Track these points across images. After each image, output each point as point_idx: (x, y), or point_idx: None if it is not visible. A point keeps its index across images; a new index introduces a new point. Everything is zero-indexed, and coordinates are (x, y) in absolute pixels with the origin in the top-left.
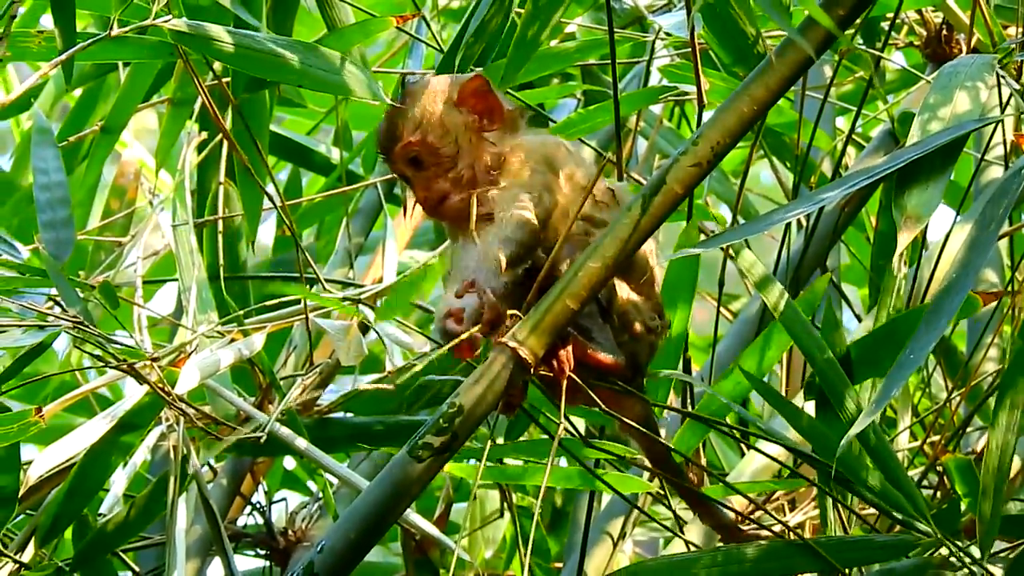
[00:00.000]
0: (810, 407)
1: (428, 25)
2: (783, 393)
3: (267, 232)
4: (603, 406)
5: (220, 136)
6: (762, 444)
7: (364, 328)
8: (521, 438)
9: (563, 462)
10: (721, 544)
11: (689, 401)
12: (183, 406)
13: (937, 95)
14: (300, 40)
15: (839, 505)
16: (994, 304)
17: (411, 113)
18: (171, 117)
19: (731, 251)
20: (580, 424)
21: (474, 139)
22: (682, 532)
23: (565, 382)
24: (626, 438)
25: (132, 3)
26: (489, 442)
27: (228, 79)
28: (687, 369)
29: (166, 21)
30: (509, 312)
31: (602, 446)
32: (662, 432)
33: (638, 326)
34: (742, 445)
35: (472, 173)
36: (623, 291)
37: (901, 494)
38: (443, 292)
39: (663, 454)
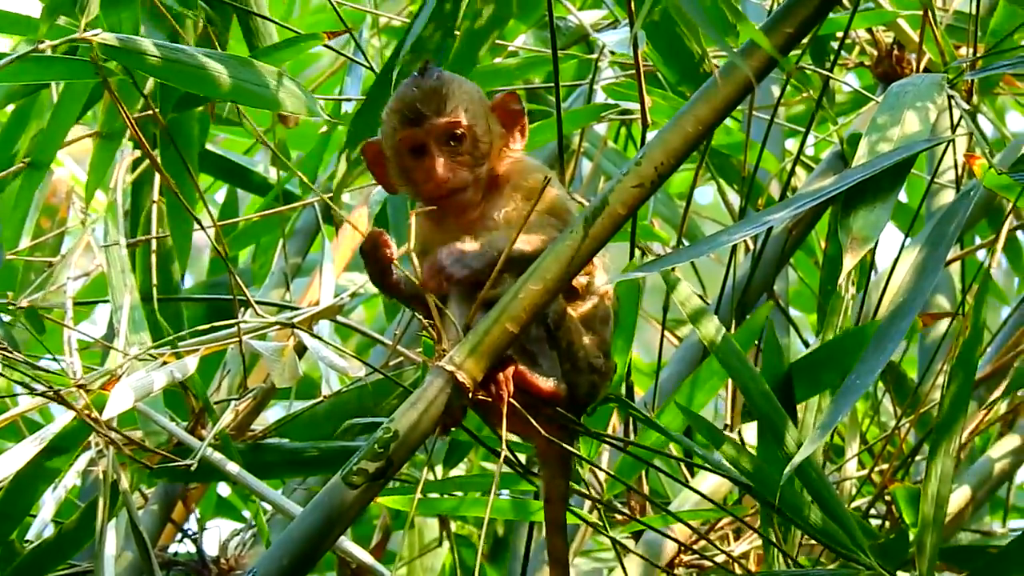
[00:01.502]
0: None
1: (358, 46)
2: (728, 419)
3: (203, 253)
4: (543, 432)
5: (153, 153)
6: (706, 475)
7: (300, 352)
8: (460, 464)
9: (505, 491)
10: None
11: (632, 428)
12: (110, 432)
13: (886, 115)
14: (233, 55)
15: (781, 538)
16: (945, 329)
17: (460, 96)
18: (99, 150)
19: (667, 280)
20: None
21: (497, 148)
22: (622, 563)
23: (505, 408)
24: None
25: (55, 24)
26: (426, 472)
27: (159, 100)
28: (630, 395)
29: (95, 35)
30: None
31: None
32: (605, 457)
33: (582, 359)
34: (686, 474)
35: (487, 179)
36: (573, 319)
37: (840, 528)
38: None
39: (562, 495)
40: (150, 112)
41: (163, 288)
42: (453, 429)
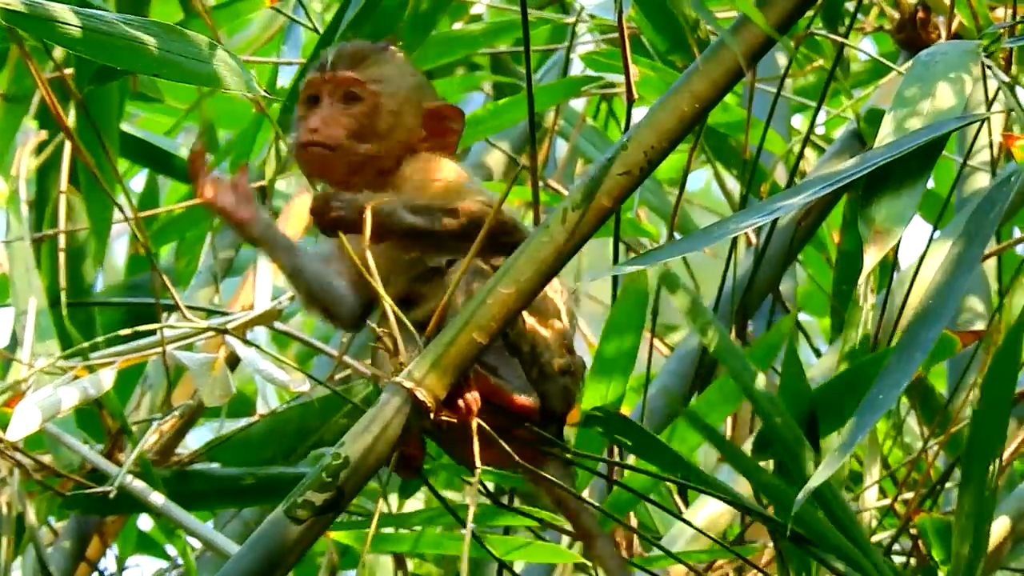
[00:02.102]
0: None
1: (304, 8)
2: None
3: (119, 250)
4: (517, 458)
5: (62, 136)
6: (703, 503)
7: (232, 364)
8: (417, 494)
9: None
10: None
11: (619, 453)
12: (17, 455)
13: (912, 88)
14: (161, 22)
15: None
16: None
17: (383, 67)
18: (5, 115)
19: (665, 282)
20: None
21: (401, 143)
22: None
23: (475, 429)
24: (538, 492)
25: None
26: (380, 503)
27: (72, 70)
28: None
29: None
30: None
31: (520, 510)
32: (587, 490)
33: (547, 362)
34: (680, 506)
35: (368, 163)
36: (528, 320)
37: (867, 561)
38: None
39: (583, 513)
40: (62, 77)
41: (74, 290)
42: (417, 468)
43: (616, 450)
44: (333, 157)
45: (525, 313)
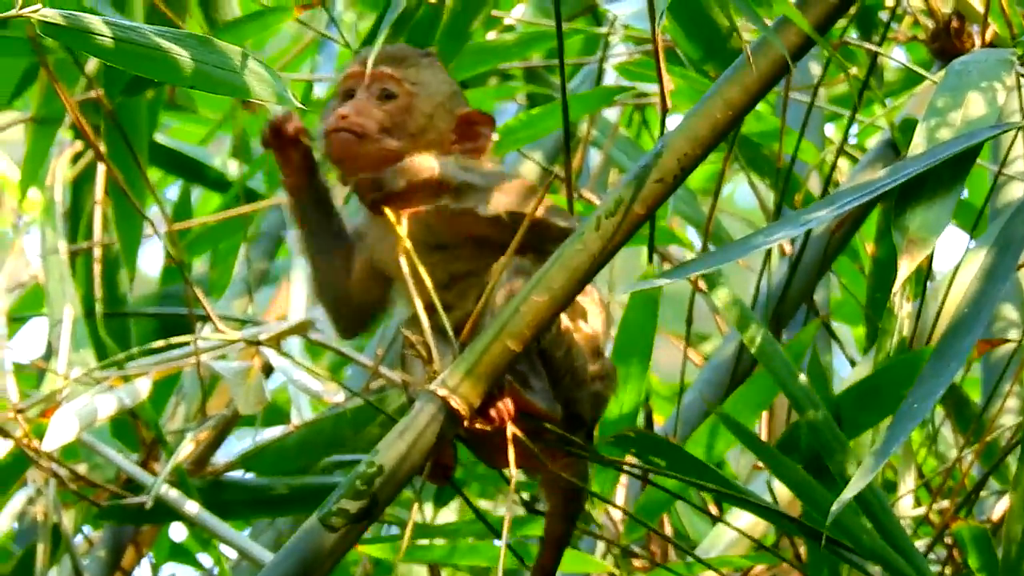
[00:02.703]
0: None
1: (332, 19)
2: None
3: (153, 260)
4: (548, 464)
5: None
6: (737, 513)
7: (267, 373)
8: (451, 503)
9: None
10: None
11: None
12: (53, 465)
13: (945, 97)
14: (193, 33)
15: None
16: (1014, 346)
17: (421, 71)
18: (35, 136)
19: (702, 284)
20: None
21: (431, 146)
22: None
23: (509, 438)
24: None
25: None
26: (414, 512)
27: (103, 83)
28: (649, 423)
29: (35, 10)
30: None
31: None
32: (620, 495)
33: (580, 368)
34: (713, 513)
35: (396, 160)
36: (563, 328)
37: (910, 566)
38: None
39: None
40: (93, 97)
41: (109, 301)
42: (449, 476)
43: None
44: (359, 146)
45: (563, 316)
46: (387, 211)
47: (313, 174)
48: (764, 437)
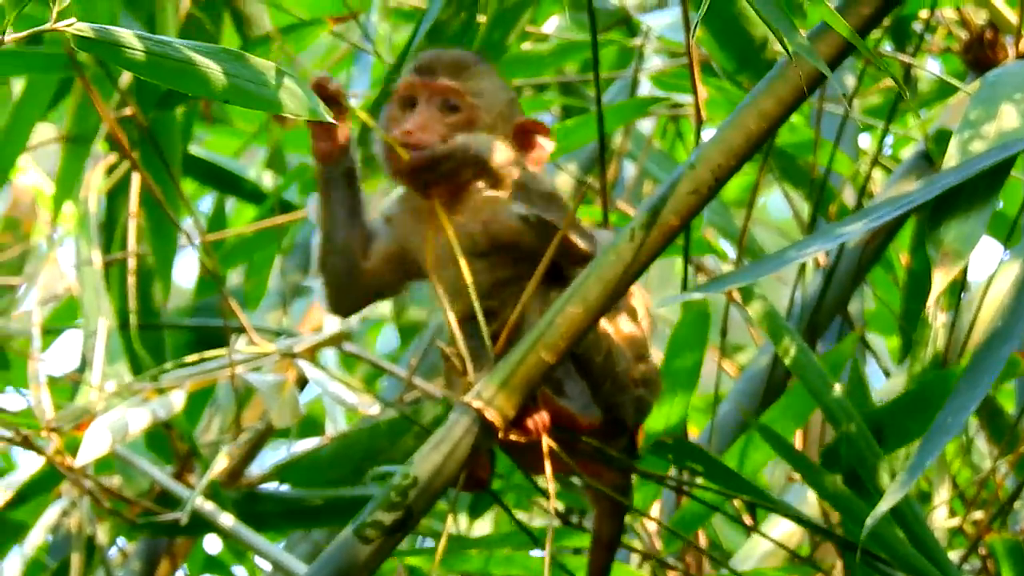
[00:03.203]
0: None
1: (365, 33)
2: None
3: (187, 272)
4: (584, 476)
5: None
6: (772, 524)
7: (301, 385)
8: (487, 513)
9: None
10: None
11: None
12: (87, 479)
13: (979, 109)
14: (225, 48)
15: None
16: None
17: (480, 80)
18: (68, 153)
19: (735, 295)
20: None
21: None
22: None
23: (546, 451)
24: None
25: (27, 3)
26: (449, 523)
27: (136, 97)
28: (684, 434)
29: (69, 24)
30: None
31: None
32: (656, 508)
33: (622, 372)
34: (748, 524)
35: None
36: (603, 331)
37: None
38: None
39: (611, 539)
40: (126, 111)
41: (143, 313)
42: (485, 485)
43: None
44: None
45: (603, 320)
46: (438, 208)
47: (345, 146)
48: (802, 443)
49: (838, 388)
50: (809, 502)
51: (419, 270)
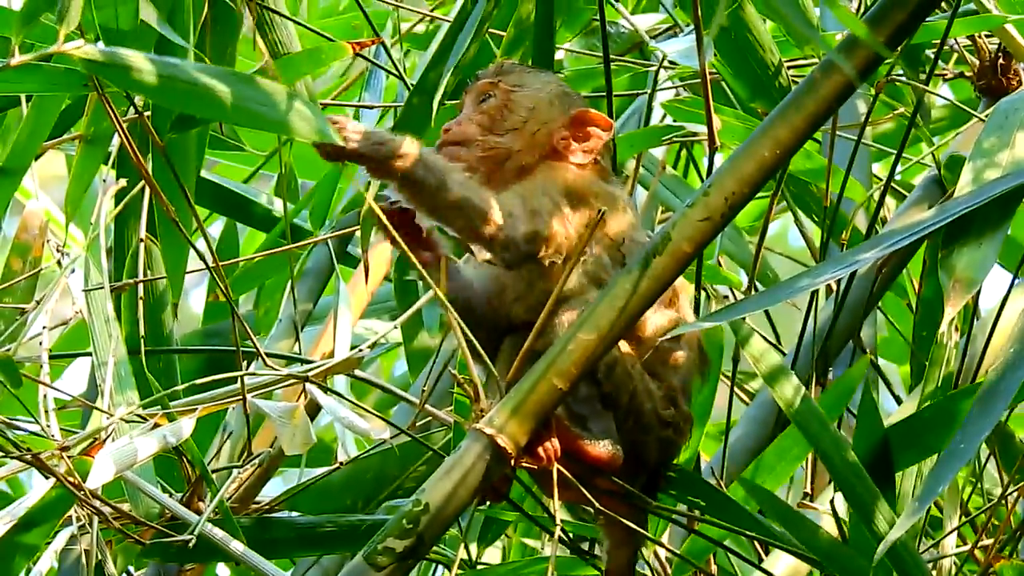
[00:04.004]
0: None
1: (388, 53)
2: (809, 488)
3: (198, 298)
4: (598, 505)
5: (141, 183)
6: (781, 554)
7: (312, 411)
8: (497, 543)
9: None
10: None
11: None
12: (97, 503)
13: (992, 136)
14: (234, 70)
15: None
16: None
17: (525, 75)
18: (83, 158)
19: (736, 333)
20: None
21: (541, 144)
22: None
23: (555, 480)
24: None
25: (38, 24)
26: (461, 551)
27: (150, 115)
28: (696, 461)
29: (77, 47)
30: None
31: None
32: (666, 535)
33: (648, 412)
34: (760, 554)
35: (506, 158)
36: (632, 369)
37: None
38: None
39: (624, 568)
40: (139, 127)
41: (153, 338)
42: (503, 496)
43: None
44: (467, 153)
45: (637, 363)
46: None
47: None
48: (811, 468)
49: (835, 428)
50: (825, 524)
51: None
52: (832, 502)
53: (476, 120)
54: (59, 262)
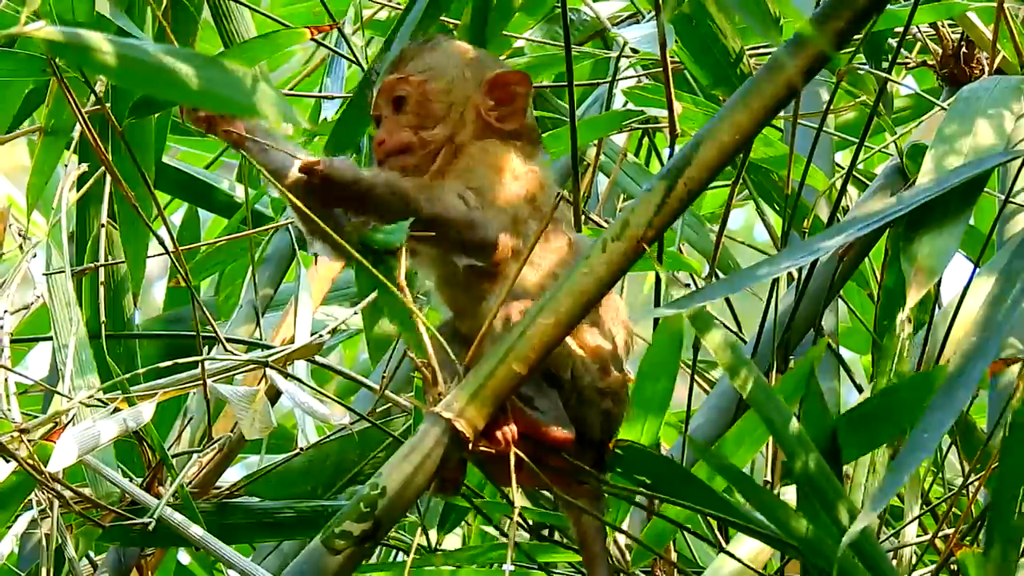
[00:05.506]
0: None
1: (347, 41)
2: (768, 475)
3: (158, 283)
4: (556, 489)
5: (102, 169)
6: (743, 540)
7: (272, 397)
8: (457, 529)
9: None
10: None
11: None
12: (57, 487)
13: (954, 124)
14: (198, 52)
15: None
16: (1019, 371)
17: (427, 55)
18: (44, 148)
19: (695, 323)
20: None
21: (471, 121)
22: None
23: (512, 462)
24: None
25: None
26: (418, 536)
27: (110, 104)
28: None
29: (38, 28)
30: None
31: (561, 544)
32: (627, 522)
33: (588, 385)
34: (721, 540)
35: (442, 146)
36: (570, 344)
37: None
38: None
39: (600, 552)
40: (101, 116)
41: (114, 323)
42: (457, 488)
43: None
44: (412, 158)
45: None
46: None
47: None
48: (771, 458)
49: (795, 424)
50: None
51: None
52: (779, 493)
53: (404, 123)
54: (20, 247)
